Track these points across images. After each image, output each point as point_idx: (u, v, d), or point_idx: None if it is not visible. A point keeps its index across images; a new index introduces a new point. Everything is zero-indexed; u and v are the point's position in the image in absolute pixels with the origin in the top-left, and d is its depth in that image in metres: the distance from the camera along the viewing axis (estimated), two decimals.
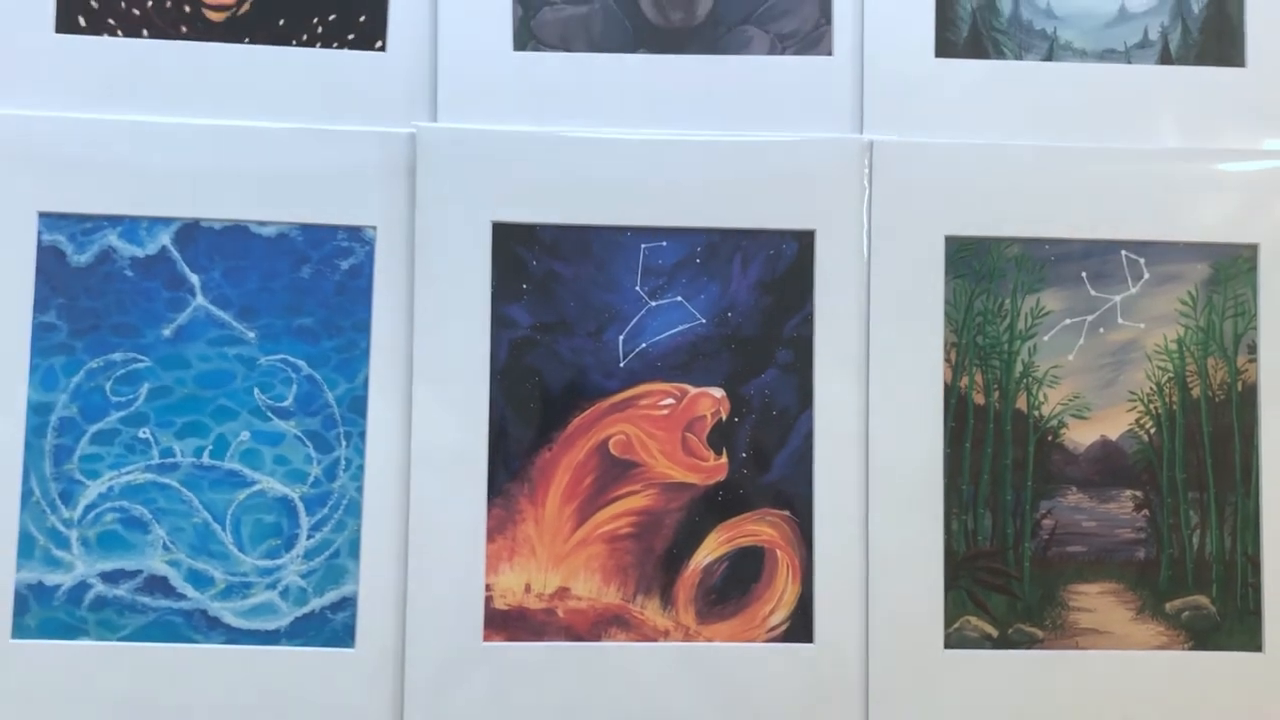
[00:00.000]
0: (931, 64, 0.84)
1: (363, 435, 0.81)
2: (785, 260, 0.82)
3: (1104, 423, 0.83)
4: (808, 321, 0.82)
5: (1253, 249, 0.83)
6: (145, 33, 0.83)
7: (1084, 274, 0.83)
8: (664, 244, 0.82)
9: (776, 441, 0.82)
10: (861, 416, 0.82)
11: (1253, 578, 0.82)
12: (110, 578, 0.79)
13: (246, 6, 0.83)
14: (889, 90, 0.84)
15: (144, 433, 0.80)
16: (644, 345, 0.82)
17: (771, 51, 0.84)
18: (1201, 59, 0.85)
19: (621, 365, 0.82)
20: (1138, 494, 0.82)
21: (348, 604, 0.79)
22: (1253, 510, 0.82)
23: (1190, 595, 0.82)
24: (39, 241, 0.80)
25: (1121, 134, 0.85)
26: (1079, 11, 0.85)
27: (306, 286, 0.81)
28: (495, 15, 0.83)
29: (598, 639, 0.80)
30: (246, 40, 0.83)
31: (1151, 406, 0.83)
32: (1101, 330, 0.83)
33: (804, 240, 0.82)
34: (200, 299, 0.81)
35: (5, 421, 0.79)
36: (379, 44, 0.83)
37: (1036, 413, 0.82)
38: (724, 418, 0.82)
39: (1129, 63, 0.85)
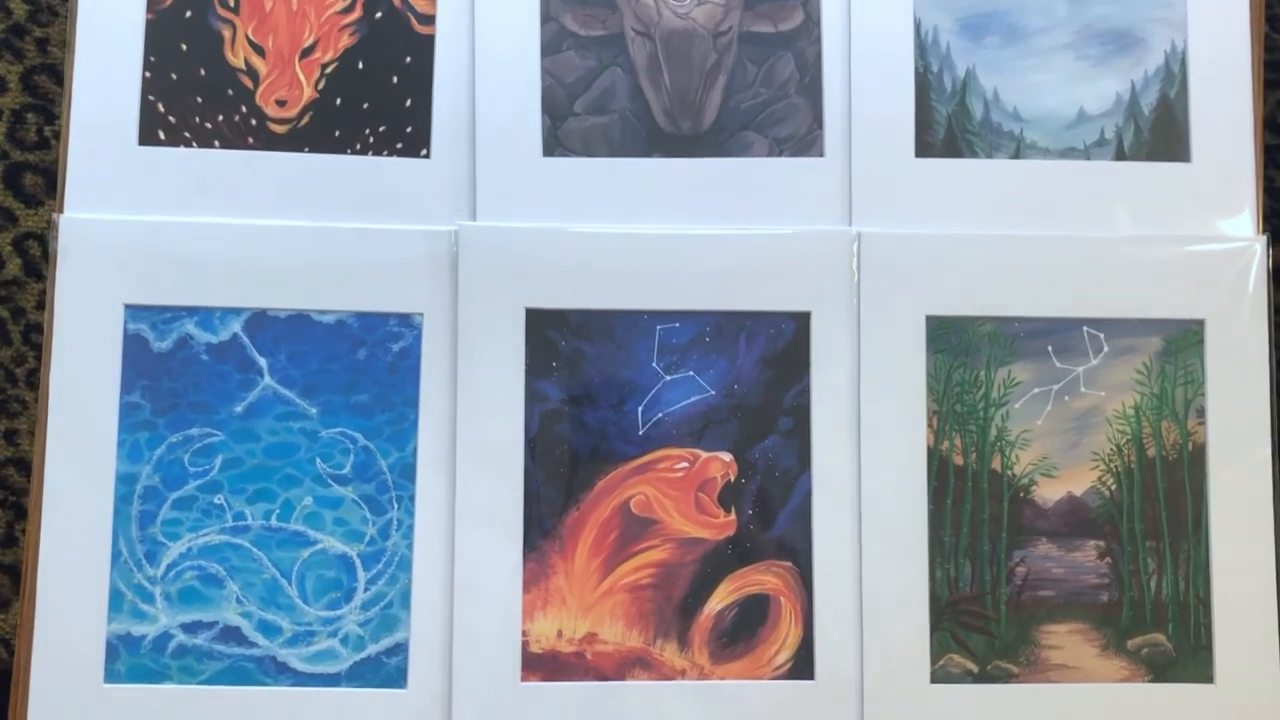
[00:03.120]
0: (912, 163, 0.90)
1: (412, 499, 0.87)
2: (784, 338, 0.89)
3: (1070, 480, 0.89)
4: (805, 392, 0.89)
5: (1200, 324, 0.90)
6: (217, 144, 0.89)
7: (1050, 348, 0.90)
8: (677, 325, 0.89)
9: (779, 500, 0.88)
10: (854, 477, 0.88)
11: (1204, 617, 0.88)
12: (190, 628, 0.86)
13: (306, 120, 0.90)
14: (874, 187, 0.90)
15: (219, 499, 0.87)
16: (660, 415, 0.89)
17: (770, 154, 0.90)
18: (1152, 155, 0.91)
19: (641, 433, 0.89)
20: (1101, 544, 0.89)
21: (400, 649, 0.86)
22: (1203, 557, 0.89)
23: (1149, 633, 0.89)
24: (125, 330, 0.87)
25: (1082, 223, 0.90)
26: (1043, 114, 0.92)
27: (362, 367, 0.88)
28: (526, 126, 0.89)
29: (623, 679, 0.86)
30: (307, 149, 0.89)
31: (1112, 465, 0.89)
32: (1066, 398, 0.90)
33: (801, 320, 0.89)
34: (268, 379, 0.88)
35: (97, 491, 0.85)
36: (424, 152, 0.89)
37: (1009, 472, 0.89)
38: (732, 479, 0.89)
39: (1088, 159, 0.91)
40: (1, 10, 1.46)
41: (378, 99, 0.90)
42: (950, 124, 0.92)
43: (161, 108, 0.90)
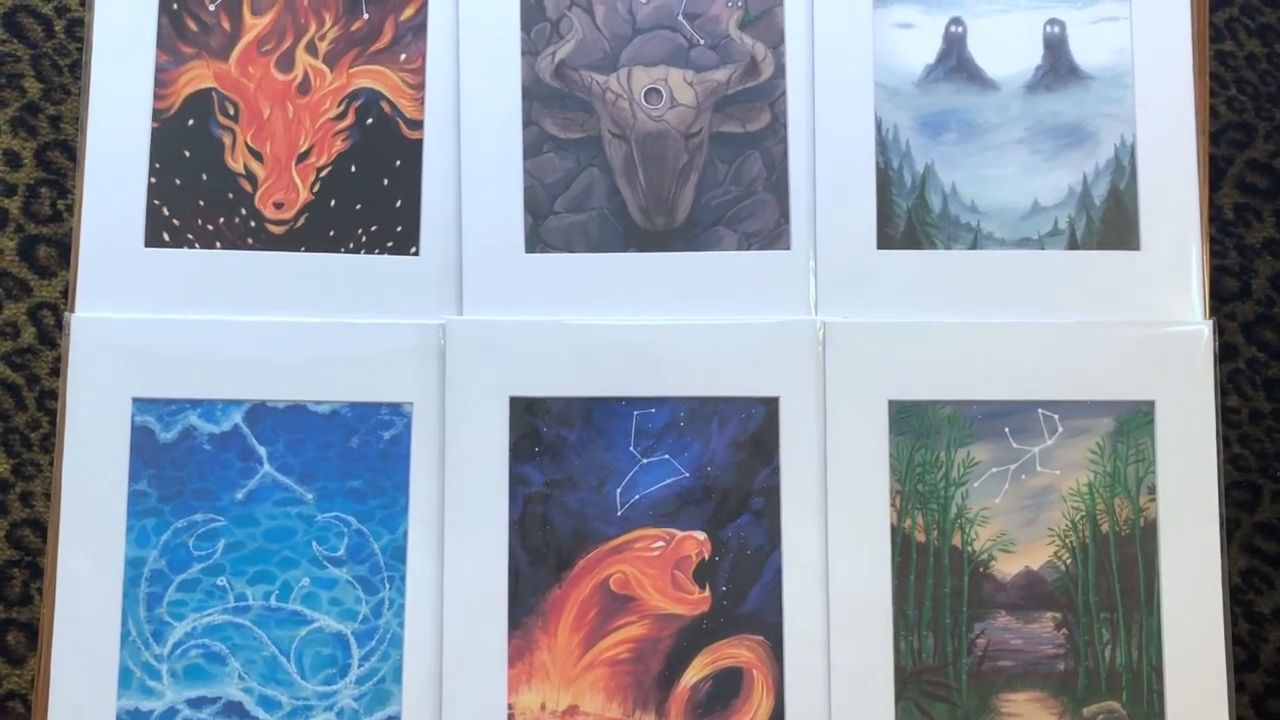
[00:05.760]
0: (874, 255, 0.94)
1: (403, 579, 0.91)
2: (755, 422, 0.93)
3: (1027, 555, 0.93)
4: (775, 473, 0.93)
5: (1150, 405, 0.93)
6: (218, 245, 0.93)
7: (1007, 429, 0.93)
8: (653, 411, 0.93)
9: (751, 577, 0.92)
10: (822, 554, 0.92)
11: (1157, 684, 0.92)
12: (195, 704, 0.90)
13: (302, 221, 0.94)
14: (839, 278, 0.94)
15: (221, 581, 0.91)
16: (637, 497, 0.93)
17: (739, 248, 0.95)
18: (1103, 244, 0.95)
19: (619, 514, 0.93)
20: (1057, 615, 0.93)
21: None
22: (1156, 627, 0.92)
23: (1105, 700, 0.92)
24: (132, 422, 0.91)
25: (1037, 310, 0.94)
26: (998, 207, 0.96)
27: (355, 454, 0.92)
28: (509, 224, 0.94)
29: None
30: (303, 249, 0.94)
31: (1067, 540, 0.93)
32: (1023, 477, 0.93)
33: (770, 405, 0.93)
34: (267, 467, 0.92)
35: (107, 575, 0.90)
36: (413, 250, 0.94)
37: (969, 548, 0.93)
38: (706, 557, 0.92)
39: (1042, 249, 0.95)
40: (16, 89, 1.52)
41: (369, 200, 0.95)
42: (910, 217, 0.96)
43: (166, 211, 0.94)
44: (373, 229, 0.95)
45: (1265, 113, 1.54)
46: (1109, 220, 0.96)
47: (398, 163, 0.95)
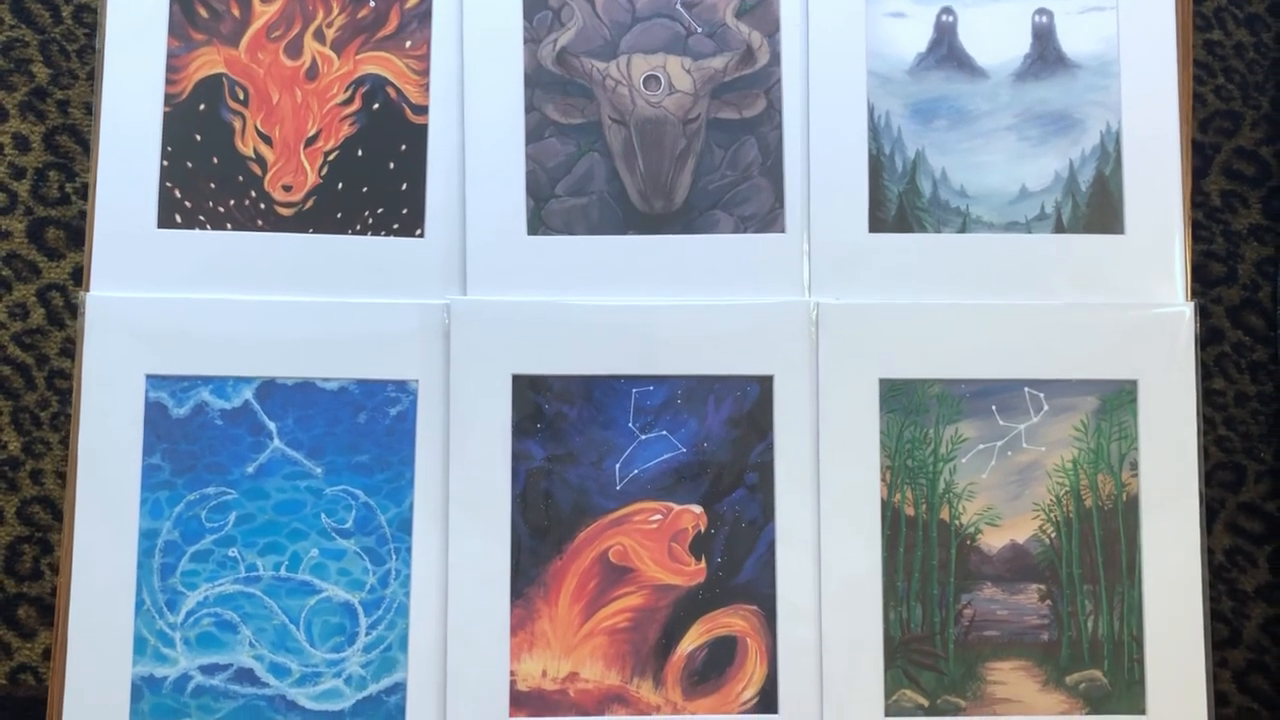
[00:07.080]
0: (866, 238, 0.96)
1: (409, 550, 0.93)
2: (750, 400, 0.96)
3: (1013, 529, 0.96)
4: (769, 450, 0.95)
5: (1133, 384, 0.96)
6: (229, 226, 0.96)
7: (994, 407, 0.96)
8: (651, 388, 0.96)
9: (746, 549, 0.95)
10: (814, 527, 0.94)
11: (1137, 654, 0.94)
12: (207, 670, 0.93)
13: (311, 203, 0.96)
14: (831, 260, 0.96)
15: (233, 552, 0.94)
16: (636, 471, 0.95)
17: (735, 230, 0.97)
18: (1089, 228, 0.98)
19: (618, 488, 0.95)
20: (1042, 587, 0.95)
21: (399, 689, 0.93)
22: (1137, 599, 0.95)
23: (1086, 669, 0.95)
24: (146, 398, 0.93)
25: (1023, 292, 0.96)
26: (987, 191, 0.98)
27: (363, 430, 0.94)
28: (512, 207, 0.96)
29: (602, 714, 0.93)
30: (311, 231, 0.96)
31: (1052, 515, 0.96)
32: (1009, 453, 0.96)
33: (765, 384, 0.95)
34: (277, 442, 0.94)
35: (121, 545, 0.92)
36: (418, 232, 0.96)
37: (957, 522, 0.95)
38: (702, 530, 0.95)
39: (1029, 232, 0.97)
40: (24, 74, 1.54)
41: (376, 183, 0.97)
42: (901, 201, 0.98)
43: (178, 193, 0.97)
44: (379, 211, 0.97)
45: (1252, 101, 1.57)
46: (1094, 205, 0.99)
47: (403, 147, 0.98)
